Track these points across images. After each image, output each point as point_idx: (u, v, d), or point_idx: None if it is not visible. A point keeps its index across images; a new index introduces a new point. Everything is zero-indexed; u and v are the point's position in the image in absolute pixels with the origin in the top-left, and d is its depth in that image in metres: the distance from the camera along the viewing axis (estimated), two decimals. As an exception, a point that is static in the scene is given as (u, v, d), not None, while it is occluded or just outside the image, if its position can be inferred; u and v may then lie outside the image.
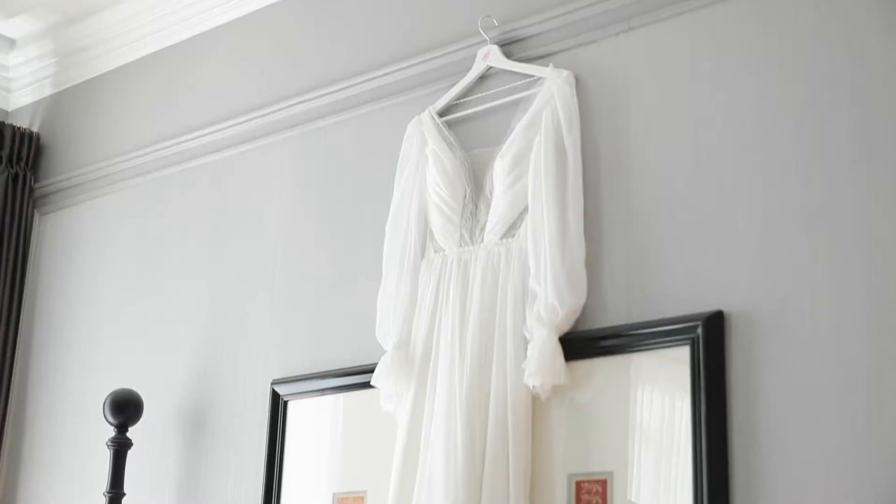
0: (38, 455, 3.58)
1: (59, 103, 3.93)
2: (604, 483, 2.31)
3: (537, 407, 2.41)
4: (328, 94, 3.07)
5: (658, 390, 2.32)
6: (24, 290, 3.80)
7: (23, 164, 3.83)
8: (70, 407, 3.54)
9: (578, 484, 2.34)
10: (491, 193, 2.58)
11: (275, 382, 2.97)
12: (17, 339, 3.75)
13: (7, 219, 3.76)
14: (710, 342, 2.22)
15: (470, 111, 2.74)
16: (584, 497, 2.32)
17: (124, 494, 3.09)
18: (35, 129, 3.93)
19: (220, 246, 3.28)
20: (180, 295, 3.34)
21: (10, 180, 3.79)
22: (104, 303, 3.56)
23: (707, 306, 2.26)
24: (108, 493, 3.08)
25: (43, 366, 3.68)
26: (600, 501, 2.30)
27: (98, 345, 3.53)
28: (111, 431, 3.13)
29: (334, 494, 2.77)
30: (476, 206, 2.61)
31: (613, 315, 2.40)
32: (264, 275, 3.13)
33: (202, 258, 3.31)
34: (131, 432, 3.13)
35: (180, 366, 3.27)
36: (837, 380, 2.08)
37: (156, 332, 3.37)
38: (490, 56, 2.70)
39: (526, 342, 2.41)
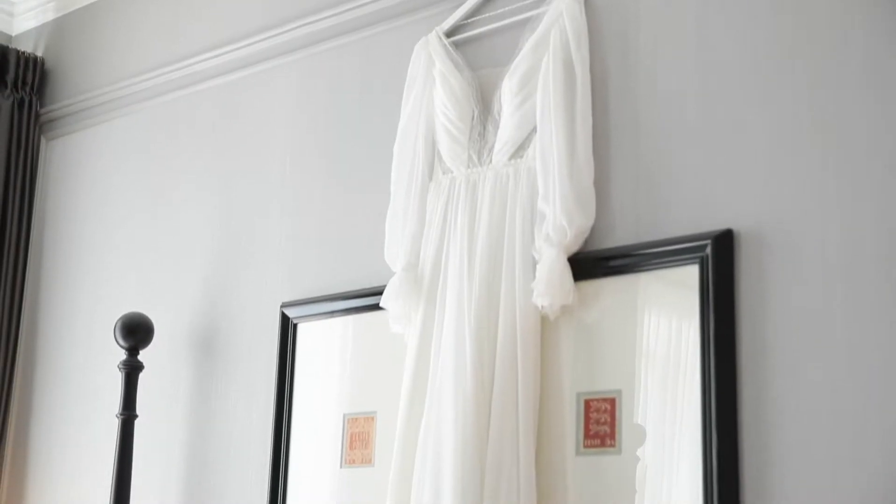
0: (51, 379, 3.61)
1: (63, 27, 3.90)
2: (612, 401, 2.33)
3: (546, 327, 2.42)
4: (334, 15, 3.04)
5: (666, 310, 2.32)
6: (33, 215, 3.80)
7: (28, 89, 3.81)
8: (81, 331, 3.57)
9: (587, 402, 2.36)
10: (499, 114, 2.57)
11: (284, 305, 2.98)
12: (27, 265, 3.77)
13: (14, 145, 3.75)
14: (719, 261, 2.22)
15: (477, 31, 2.71)
16: (593, 415, 2.34)
17: (136, 416, 3.13)
18: (39, 54, 3.90)
19: (227, 170, 3.27)
20: (188, 219, 3.34)
21: (15, 105, 3.77)
22: (113, 227, 3.57)
23: (716, 225, 2.25)
24: (121, 414, 3.11)
25: (53, 291, 3.70)
26: (608, 419, 2.32)
27: (107, 269, 3.55)
28: (122, 355, 3.15)
29: (344, 415, 2.80)
30: (484, 127, 2.60)
31: (622, 235, 2.39)
32: (272, 198, 3.13)
33: (210, 182, 3.31)
34: (142, 355, 3.16)
35: (190, 290, 3.28)
36: (847, 299, 2.08)
37: (165, 257, 3.38)
38: (498, -26, 2.68)
39: (534, 262, 2.42)
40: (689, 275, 2.26)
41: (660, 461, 2.25)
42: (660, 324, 2.33)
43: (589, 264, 2.40)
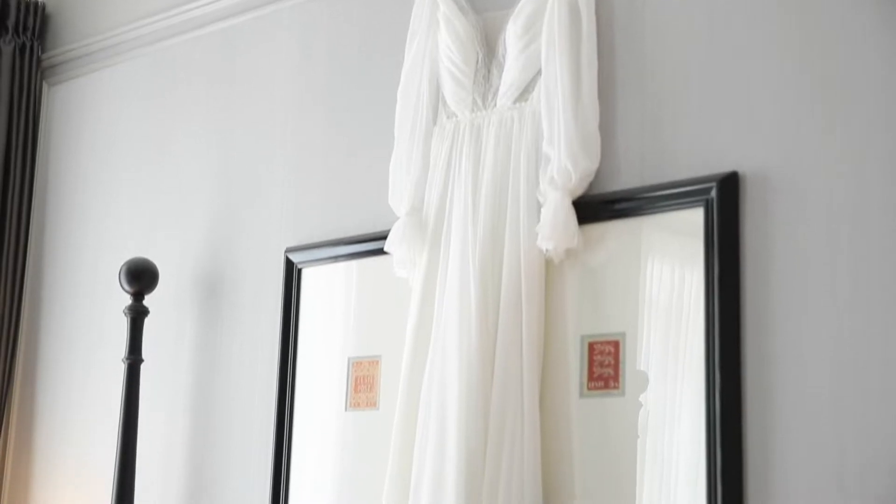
0: (58, 325, 3.63)
1: (63, -29, 3.88)
2: (616, 344, 2.33)
3: (550, 270, 2.43)
4: (337, -43, 3.02)
5: (671, 253, 2.32)
6: (36, 161, 3.80)
7: (29, 33, 3.79)
8: (86, 276, 3.57)
9: (591, 345, 2.37)
10: (504, 57, 2.55)
11: (288, 250, 2.99)
12: (31, 211, 3.77)
13: (16, 90, 3.74)
14: (724, 204, 2.22)
15: (482, -27, 2.69)
16: (597, 358, 2.35)
17: (143, 361, 3.14)
18: (40, -1, 3.88)
19: (230, 114, 3.26)
20: (192, 164, 3.33)
21: (16, 51, 3.75)
22: (116, 172, 3.56)
23: (721, 168, 2.24)
24: (127, 359, 3.13)
25: (57, 236, 3.70)
26: (613, 362, 2.33)
27: (111, 214, 3.55)
28: (128, 300, 3.16)
29: (349, 359, 2.81)
30: (489, 71, 2.58)
31: (627, 178, 2.39)
32: (276, 142, 3.12)
33: (213, 127, 3.30)
34: (147, 300, 3.17)
35: (194, 235, 3.28)
36: (853, 242, 2.08)
37: (168, 202, 3.38)
38: (502, -85, 2.65)
39: (539, 206, 2.41)
40: (694, 218, 2.26)
41: (662, 406, 2.26)
42: (664, 267, 2.33)
43: (593, 207, 2.40)
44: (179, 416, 3.19)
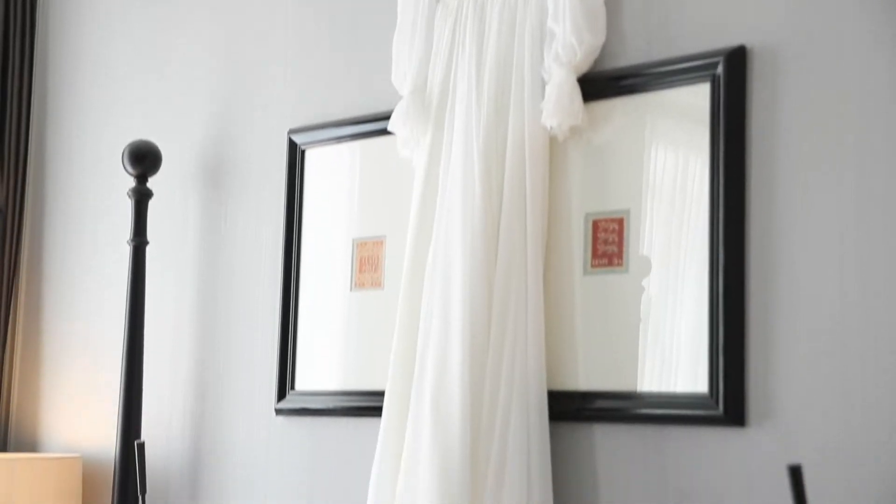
0: (62, 208, 3.63)
1: None
2: (620, 221, 2.33)
3: (554, 148, 2.41)
4: None
5: (676, 129, 2.30)
6: (35, 42, 3.75)
7: None
8: (89, 159, 3.56)
9: (595, 223, 2.36)
10: (508, -70, 2.50)
11: (291, 132, 2.97)
12: (32, 93, 3.74)
13: (13, -29, 3.68)
14: (730, 79, 2.19)
15: None
16: (601, 235, 2.35)
17: (147, 243, 3.15)
18: None
19: (231, -7, 3.22)
20: (195, 45, 3.29)
21: (13, -69, 3.68)
22: (119, 54, 3.52)
23: (729, 42, 2.21)
24: (132, 241, 3.14)
25: (60, 118, 3.68)
26: (616, 239, 2.33)
27: (113, 97, 3.52)
28: (131, 182, 3.16)
29: (353, 240, 2.82)
30: (493, -55, 2.53)
31: (632, 54, 2.36)
32: (279, 23, 3.08)
33: (216, 6, 3.25)
34: (151, 183, 3.16)
35: (197, 116, 3.26)
36: (864, 123, 2.05)
37: (171, 83, 3.35)
38: None
39: (543, 83, 2.39)
40: (701, 93, 2.23)
41: (665, 289, 2.26)
42: (669, 144, 2.31)
43: (599, 84, 2.37)
44: (186, 297, 3.21)
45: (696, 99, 2.24)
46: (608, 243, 2.34)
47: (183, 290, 3.22)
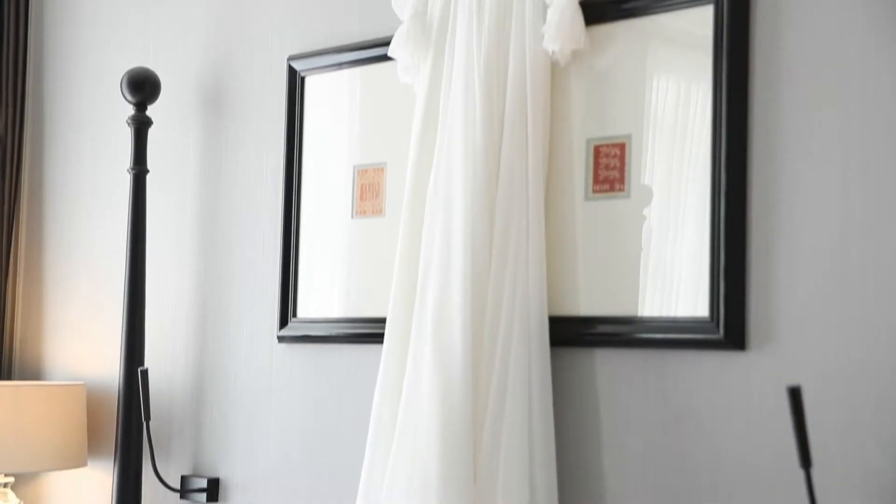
0: (62, 137, 3.61)
1: None
2: (622, 146, 2.32)
3: (556, 73, 2.39)
4: None
5: (679, 53, 2.29)
6: (32, -29, 3.72)
7: None
8: (88, 87, 3.54)
9: (596, 148, 2.35)
10: None
11: (291, 58, 2.94)
12: (29, 21, 3.70)
13: None
14: (734, 1, 2.16)
15: None
16: (603, 161, 2.34)
17: (148, 171, 3.14)
18: None
19: (228, -82, 3.17)
20: (191, -29, 3.26)
21: None
22: (114, -18, 3.49)
23: (733, -37, 2.18)
24: (132, 169, 3.13)
25: (58, 46, 3.65)
26: (618, 165, 2.32)
27: (112, 23, 3.49)
28: (130, 110, 3.14)
29: (354, 167, 2.81)
30: None
31: (635, -24, 2.33)
32: (276, -53, 3.05)
33: (211, -68, 3.22)
34: (150, 111, 3.15)
35: (195, 43, 3.24)
36: (867, 45, 2.03)
37: (170, 10, 3.32)
38: None
39: (545, 7, 2.36)
40: (704, 16, 2.20)
41: (667, 214, 2.26)
42: (672, 68, 2.29)
43: (600, 7, 2.34)
44: (187, 225, 3.21)
45: (699, 21, 2.21)
46: (609, 168, 2.33)
47: (184, 217, 3.22)
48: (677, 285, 2.24)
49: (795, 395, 1.76)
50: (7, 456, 3.14)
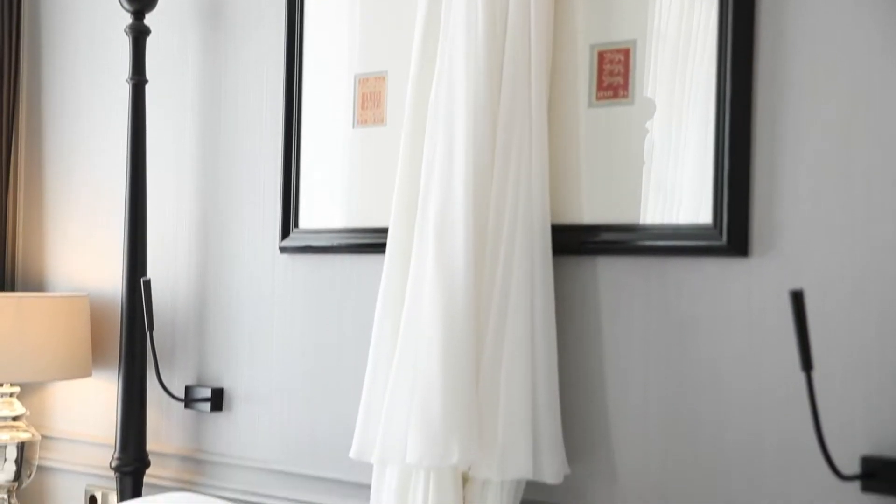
0: (59, 47, 3.58)
1: None
2: (626, 52, 2.29)
3: (560, -23, 2.36)
4: None
5: (685, -44, 2.25)
6: None
7: None
8: (85, -2, 3.51)
9: (600, 54, 2.33)
10: None
11: (291, -35, 2.91)
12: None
13: None
14: None
15: None
16: (607, 67, 2.32)
17: (147, 81, 3.11)
18: None
19: None
20: None
21: None
22: None
23: None
24: (131, 79, 3.10)
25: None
26: (622, 71, 2.30)
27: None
28: (128, 19, 3.11)
29: (356, 76, 2.78)
30: None
31: None
32: None
33: None
34: (148, 20, 3.11)
35: (193, -49, 3.19)
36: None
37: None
38: None
39: None
40: (711, -83, 2.17)
41: (670, 121, 2.24)
42: (677, -28, 2.26)
43: None
44: (187, 135, 3.19)
45: (706, -76, 2.18)
46: (613, 75, 2.30)
47: (184, 128, 3.20)
48: (680, 192, 2.23)
49: (798, 298, 1.77)
50: (12, 366, 3.16)
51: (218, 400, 3.06)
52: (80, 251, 3.49)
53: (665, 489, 2.24)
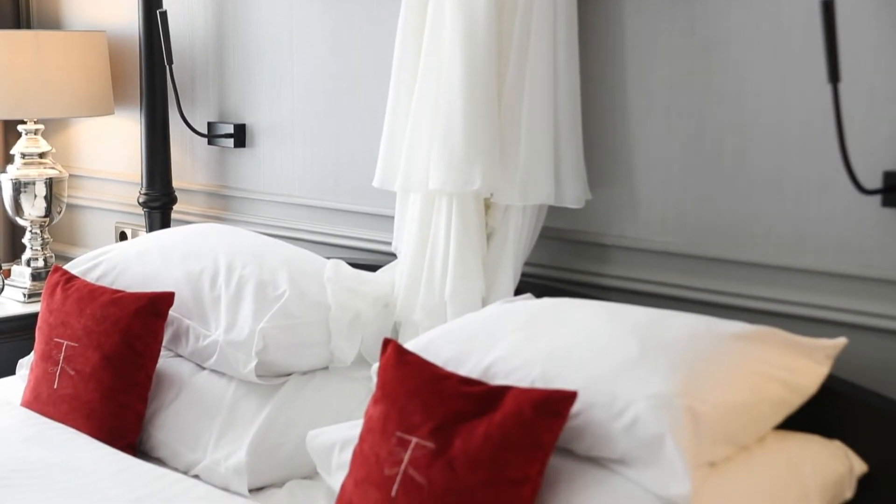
0: None
1: None
2: None
3: None
4: None
5: None
6: None
7: None
8: None
9: None
10: None
11: None
12: None
13: None
14: None
15: None
16: None
17: None
18: None
19: None
20: None
21: None
22: None
23: None
24: None
25: None
26: None
27: None
28: None
29: None
30: None
31: None
32: None
33: None
34: None
35: None
36: None
37: None
38: None
39: None
40: None
41: None
42: None
43: None
44: None
45: None
46: None
47: None
48: None
49: (828, 8, 1.71)
50: (33, 102, 3.16)
51: (241, 136, 3.06)
52: (95, -12, 3.43)
53: (685, 216, 2.23)
